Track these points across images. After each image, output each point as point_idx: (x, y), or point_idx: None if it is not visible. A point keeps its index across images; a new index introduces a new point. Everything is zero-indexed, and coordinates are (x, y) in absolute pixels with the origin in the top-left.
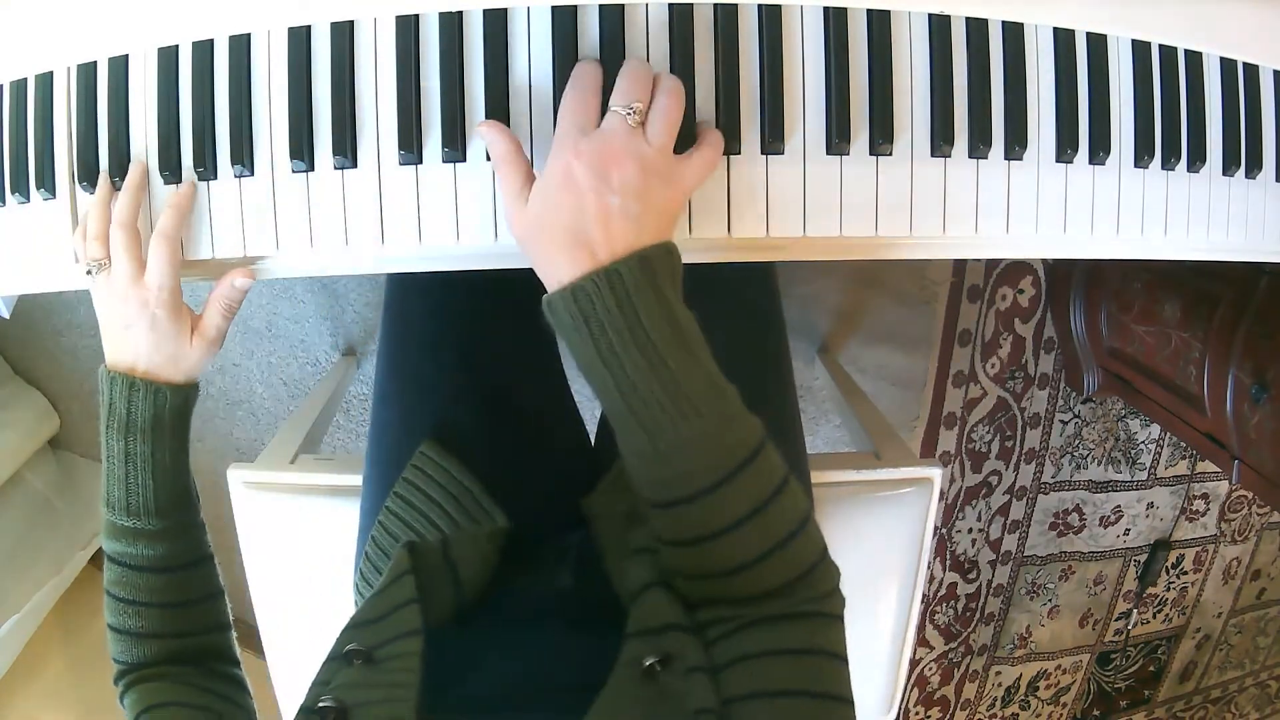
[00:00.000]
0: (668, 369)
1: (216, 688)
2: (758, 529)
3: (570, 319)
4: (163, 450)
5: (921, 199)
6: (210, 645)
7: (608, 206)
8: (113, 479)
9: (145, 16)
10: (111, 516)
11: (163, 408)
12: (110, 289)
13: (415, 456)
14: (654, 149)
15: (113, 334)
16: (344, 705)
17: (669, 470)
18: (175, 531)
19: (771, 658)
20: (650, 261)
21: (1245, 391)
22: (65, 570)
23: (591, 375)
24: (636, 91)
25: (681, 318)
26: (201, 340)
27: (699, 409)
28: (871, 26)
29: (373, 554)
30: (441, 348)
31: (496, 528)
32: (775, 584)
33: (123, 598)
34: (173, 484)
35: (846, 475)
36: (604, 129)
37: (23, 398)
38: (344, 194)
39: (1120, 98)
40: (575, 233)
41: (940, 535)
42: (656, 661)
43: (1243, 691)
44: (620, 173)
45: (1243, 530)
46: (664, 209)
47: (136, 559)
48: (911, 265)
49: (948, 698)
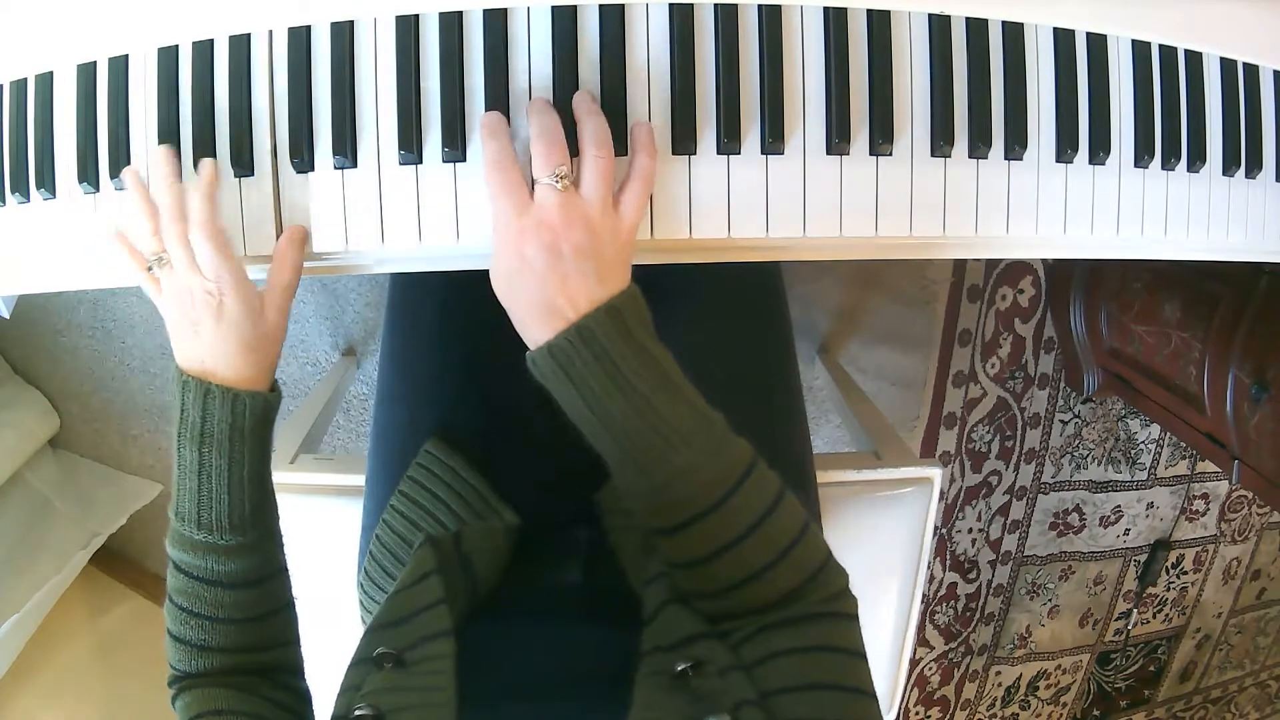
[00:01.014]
0: (652, 408)
1: (278, 697)
2: (758, 543)
3: (553, 375)
4: (240, 463)
5: (921, 199)
6: (276, 660)
7: (565, 275)
8: (184, 490)
9: (145, 16)
10: (181, 527)
11: (241, 416)
12: (174, 284)
13: (420, 455)
14: (594, 207)
15: (182, 335)
16: (380, 711)
17: (666, 499)
18: (250, 548)
19: (797, 655)
20: (617, 310)
21: (1245, 391)
22: (65, 570)
23: (581, 423)
24: (555, 155)
25: (657, 355)
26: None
27: (687, 440)
28: (871, 26)
29: (378, 553)
30: (446, 347)
31: (509, 524)
32: (785, 589)
33: (187, 608)
34: (251, 498)
35: (846, 475)
36: (539, 203)
37: (23, 398)
38: (344, 194)
39: (1120, 98)
40: (542, 304)
41: (940, 535)
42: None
43: (1243, 691)
44: (569, 243)
45: (1243, 530)
46: (617, 255)
47: (205, 572)
48: (911, 265)
49: (948, 698)
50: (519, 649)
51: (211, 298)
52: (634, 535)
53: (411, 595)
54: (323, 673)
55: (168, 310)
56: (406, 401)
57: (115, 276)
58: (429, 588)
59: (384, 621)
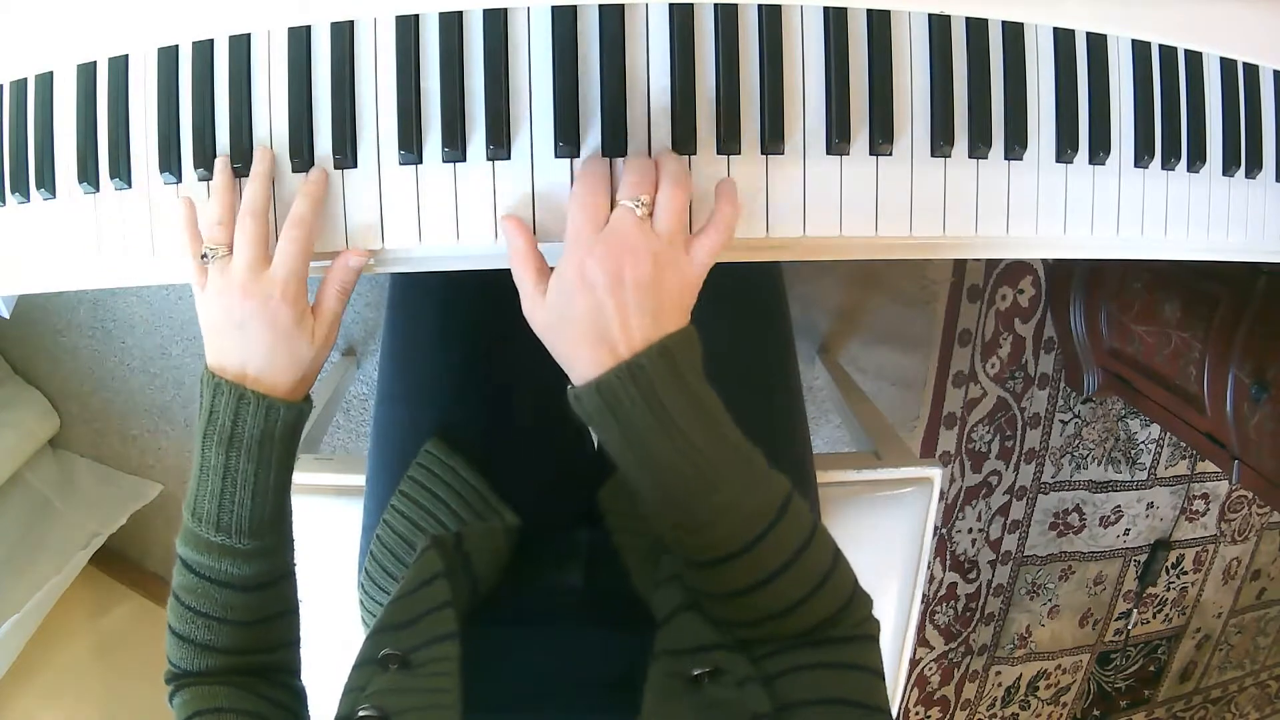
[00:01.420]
0: (695, 449)
1: (275, 696)
2: (793, 577)
3: (597, 412)
4: (267, 469)
5: (921, 199)
6: (278, 661)
7: (625, 305)
8: (204, 491)
9: (145, 16)
10: (196, 528)
11: (274, 424)
12: (225, 280)
13: (421, 455)
14: (664, 240)
15: (223, 333)
16: (385, 713)
17: (704, 538)
18: (265, 552)
19: (821, 670)
20: (670, 351)
21: (1245, 391)
22: (65, 570)
23: (622, 461)
24: (642, 184)
25: (704, 399)
26: (323, 326)
27: (728, 479)
28: (871, 26)
29: (378, 553)
30: (446, 347)
31: (509, 525)
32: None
33: (194, 607)
34: (273, 504)
35: (846, 475)
36: (613, 225)
37: (23, 398)
38: (344, 194)
39: (1120, 98)
40: (596, 331)
41: (940, 535)
42: (705, 673)
43: (1243, 691)
44: (634, 271)
45: (1243, 530)
46: (678, 297)
47: (217, 574)
48: (911, 265)
49: (948, 698)
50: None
51: (269, 302)
52: (638, 537)
53: (418, 598)
54: (323, 672)
55: (210, 305)
56: (406, 401)
57: (115, 276)
58: (436, 591)
59: (389, 624)
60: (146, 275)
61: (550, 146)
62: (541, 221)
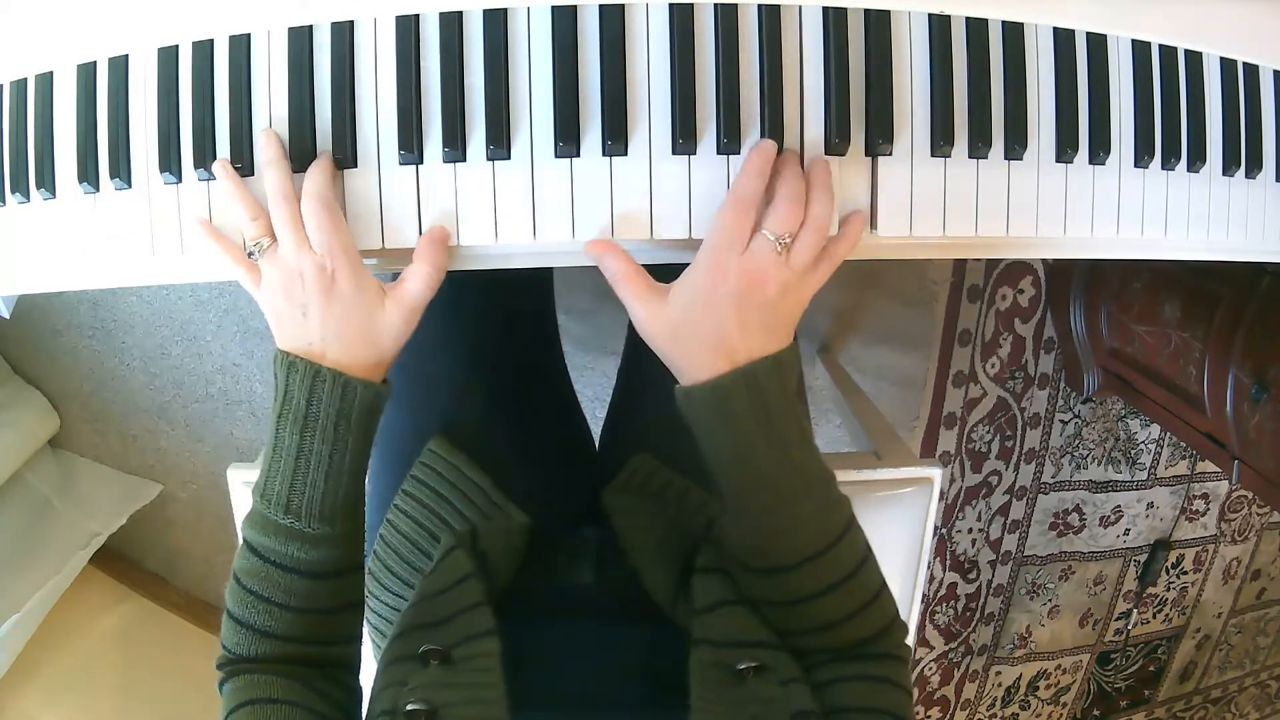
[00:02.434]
0: (790, 458)
1: (330, 692)
2: (847, 592)
3: (709, 411)
4: (343, 451)
5: (921, 199)
6: (336, 655)
7: (748, 322)
8: (276, 471)
9: (145, 16)
10: (266, 510)
11: (350, 403)
12: (279, 268)
13: (424, 454)
14: (795, 275)
15: (289, 321)
16: (434, 706)
17: (780, 543)
18: (336, 539)
19: (867, 682)
20: (781, 365)
21: (1245, 391)
22: (65, 570)
23: (721, 459)
24: (792, 222)
25: (800, 412)
26: (397, 305)
27: (812, 493)
28: (871, 26)
29: (382, 552)
30: (448, 346)
31: (520, 523)
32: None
33: (256, 591)
34: (346, 488)
35: (846, 475)
36: (754, 251)
37: (23, 398)
38: (344, 194)
39: (1120, 98)
40: (717, 340)
41: (940, 535)
42: (751, 668)
43: (1243, 691)
44: (763, 295)
45: (1243, 530)
46: (792, 316)
47: (284, 559)
48: (911, 265)
49: (948, 698)
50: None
51: (324, 272)
52: (647, 536)
53: (449, 598)
54: None
55: (271, 298)
56: (409, 401)
57: (115, 276)
58: (467, 590)
59: (421, 622)
60: (146, 275)
61: (550, 146)
62: (541, 222)
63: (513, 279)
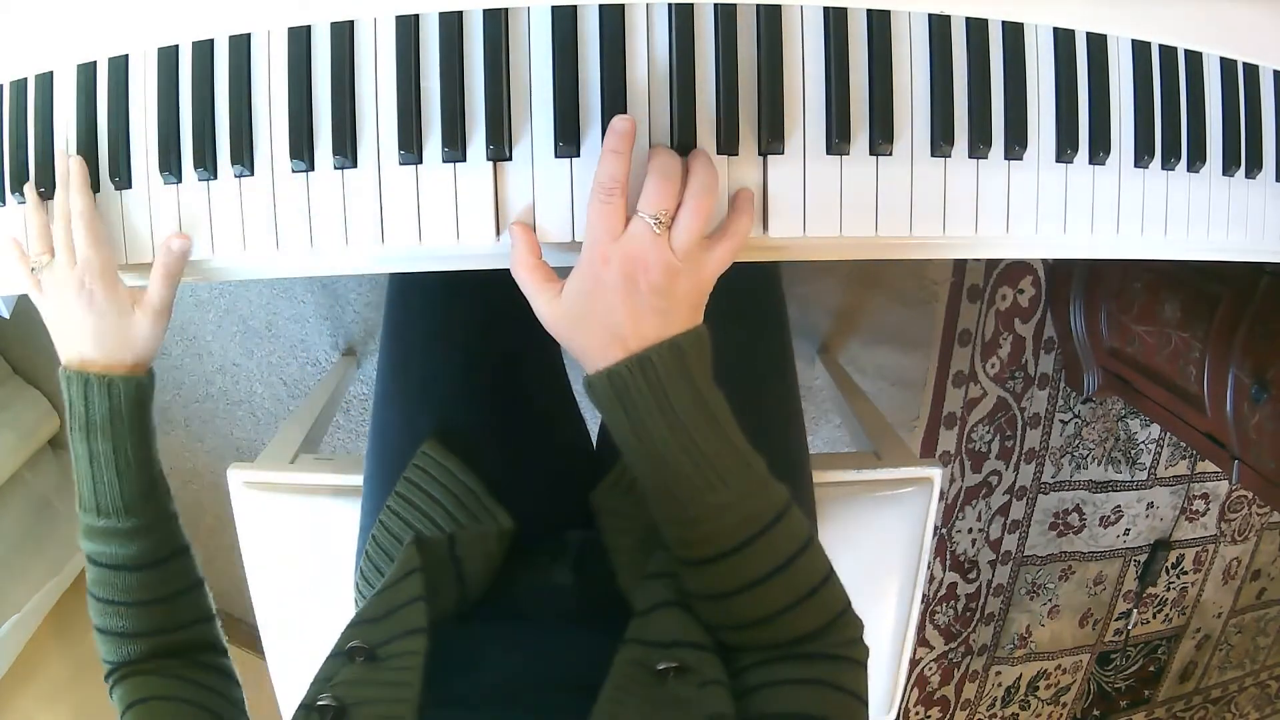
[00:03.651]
0: (695, 445)
1: (204, 679)
2: (780, 586)
3: (607, 399)
4: (124, 445)
5: (921, 199)
6: (195, 638)
7: (636, 307)
8: (81, 479)
9: (145, 16)
10: (85, 517)
11: (118, 400)
12: (54, 282)
13: (417, 456)
14: (679, 253)
15: (62, 330)
16: (343, 704)
17: (696, 533)
18: (147, 527)
19: (801, 685)
20: (680, 348)
21: (1245, 391)
22: (65, 570)
23: (626, 448)
24: (664, 199)
25: (710, 398)
26: (145, 311)
27: (725, 480)
28: (871, 26)
29: (373, 553)
30: (444, 347)
31: (503, 528)
32: (801, 631)
33: (104, 598)
34: (138, 479)
35: (846, 475)
36: (630, 234)
37: (23, 398)
38: (344, 194)
39: (1120, 98)
40: (608, 329)
41: (940, 535)
42: (671, 668)
43: (1243, 691)
44: (647, 278)
45: (1243, 530)
46: (690, 299)
47: (113, 558)
48: (911, 265)
49: (948, 698)
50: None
51: (83, 286)
52: (628, 537)
53: (393, 593)
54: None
55: (48, 308)
56: (404, 402)
57: None
58: (410, 584)
59: (364, 617)
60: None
61: (550, 146)
62: (541, 223)
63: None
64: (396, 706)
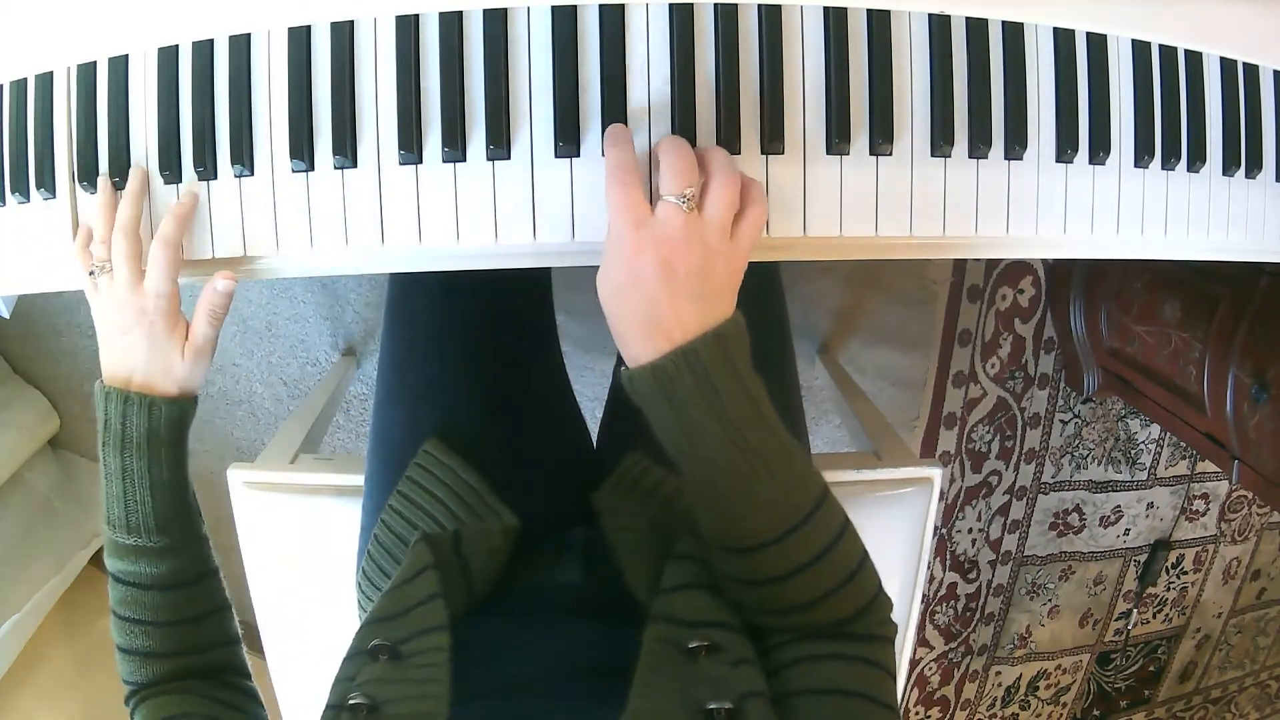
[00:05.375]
0: (744, 438)
1: (229, 699)
2: (822, 570)
3: (652, 395)
4: (160, 465)
5: (921, 199)
6: (220, 661)
7: (676, 295)
8: (111, 496)
9: (145, 16)
10: (113, 535)
11: (158, 421)
12: (111, 293)
13: (419, 455)
14: (714, 232)
15: (110, 340)
16: (375, 701)
17: (742, 525)
18: (178, 548)
19: (836, 661)
20: (724, 338)
21: (1245, 391)
22: (65, 570)
23: (672, 444)
24: (687, 174)
25: (753, 387)
26: (191, 351)
27: (772, 472)
28: (871, 26)
29: (376, 553)
30: (445, 346)
31: (508, 526)
32: (841, 615)
33: (129, 617)
34: (172, 499)
35: (846, 475)
36: (660, 219)
37: (23, 398)
38: (344, 194)
39: (1120, 98)
40: (649, 321)
41: (940, 535)
42: (703, 646)
43: (1243, 691)
44: (685, 263)
45: (1243, 530)
46: (727, 283)
47: (140, 577)
48: (911, 265)
49: (948, 698)
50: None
51: (144, 316)
52: (632, 535)
53: (407, 590)
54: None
55: (100, 313)
56: (405, 401)
57: None
58: (424, 582)
59: (379, 616)
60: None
61: (550, 146)
62: (541, 223)
63: (511, 279)
64: (427, 702)
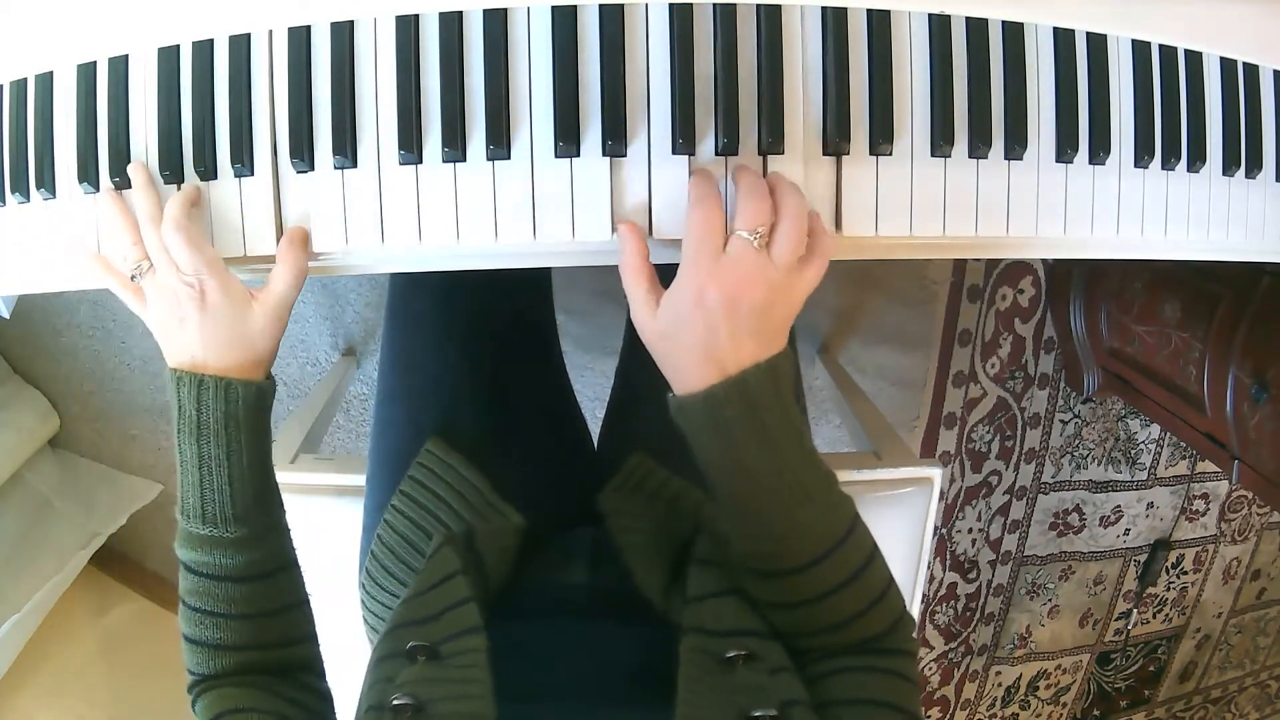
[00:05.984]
0: (788, 465)
1: (299, 698)
2: (853, 593)
3: (702, 421)
4: (239, 451)
5: (921, 199)
6: (293, 657)
7: (738, 328)
8: (187, 485)
9: (145, 16)
10: (187, 525)
11: (235, 404)
12: (159, 289)
13: (421, 455)
14: (780, 272)
15: (172, 336)
16: (420, 701)
17: (780, 548)
18: (256, 539)
19: (867, 673)
20: (775, 370)
21: (1245, 391)
22: (65, 570)
23: (716, 469)
24: (760, 215)
25: (796, 418)
26: (264, 305)
27: (811, 498)
28: (871, 26)
29: (380, 553)
30: (446, 346)
31: (515, 524)
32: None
33: (200, 608)
34: (252, 487)
35: (846, 475)
36: (733, 254)
37: (23, 398)
38: (344, 194)
39: (1120, 98)
40: (707, 349)
41: (940, 535)
42: (740, 655)
43: (1243, 691)
44: (750, 299)
45: (1243, 530)
46: (783, 321)
47: (215, 568)
48: (911, 265)
49: (948, 698)
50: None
51: (193, 289)
52: (639, 536)
53: (437, 595)
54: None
55: (155, 316)
56: (406, 401)
57: None
58: (455, 587)
59: (409, 619)
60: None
61: (550, 146)
62: (541, 222)
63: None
64: (472, 702)
